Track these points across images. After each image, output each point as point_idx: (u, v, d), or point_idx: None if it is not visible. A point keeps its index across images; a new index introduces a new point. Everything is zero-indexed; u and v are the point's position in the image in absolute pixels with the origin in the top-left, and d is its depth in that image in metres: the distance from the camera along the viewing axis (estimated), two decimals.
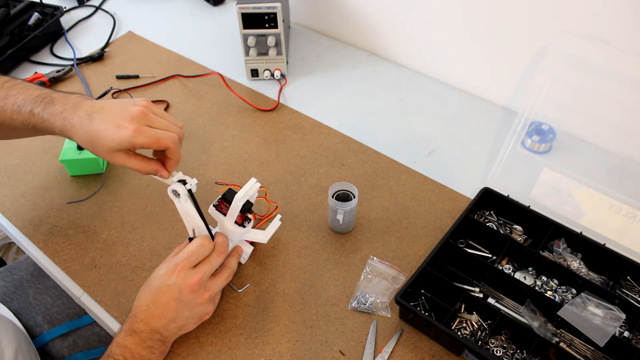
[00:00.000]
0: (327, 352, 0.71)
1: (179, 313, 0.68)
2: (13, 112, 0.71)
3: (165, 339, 0.68)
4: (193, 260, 0.69)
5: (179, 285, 0.68)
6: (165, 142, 0.66)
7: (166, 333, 0.68)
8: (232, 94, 1.08)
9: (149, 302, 0.67)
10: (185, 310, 0.68)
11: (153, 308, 0.67)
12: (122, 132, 0.64)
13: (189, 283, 0.68)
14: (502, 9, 0.97)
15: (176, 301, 0.67)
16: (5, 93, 0.73)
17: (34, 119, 0.70)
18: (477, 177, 0.93)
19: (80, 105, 0.68)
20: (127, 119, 0.65)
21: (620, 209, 0.79)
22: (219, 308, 0.76)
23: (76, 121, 0.67)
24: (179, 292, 0.67)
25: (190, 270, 0.69)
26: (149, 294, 0.68)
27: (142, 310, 0.67)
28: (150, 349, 0.67)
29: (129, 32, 1.30)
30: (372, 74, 1.16)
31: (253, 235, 0.78)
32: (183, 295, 0.68)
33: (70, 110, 0.68)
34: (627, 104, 0.81)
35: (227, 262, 0.75)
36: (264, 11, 1.02)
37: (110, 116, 0.66)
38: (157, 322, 0.67)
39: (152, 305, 0.67)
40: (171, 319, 0.68)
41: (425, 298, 0.76)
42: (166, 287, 0.67)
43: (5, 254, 1.66)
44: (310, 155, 0.98)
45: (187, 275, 0.68)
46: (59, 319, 0.94)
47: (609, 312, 0.70)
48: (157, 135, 0.66)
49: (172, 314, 0.67)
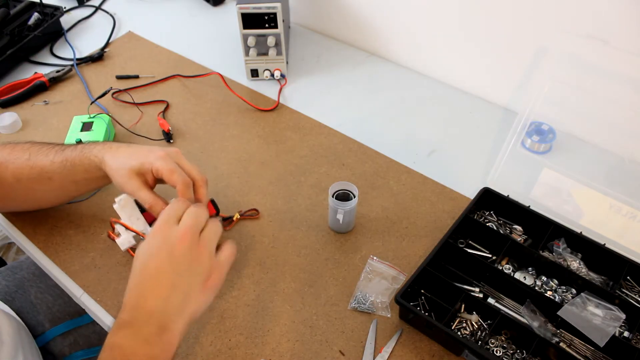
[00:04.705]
0: (327, 352, 0.71)
1: (176, 279, 0.56)
2: (55, 157, 0.76)
3: (166, 325, 0.55)
4: (173, 215, 0.60)
5: (166, 242, 0.57)
6: (177, 177, 0.68)
7: (167, 312, 0.55)
8: (232, 94, 1.08)
9: (138, 280, 0.57)
10: (184, 274, 0.57)
11: (142, 284, 0.56)
12: (150, 154, 0.70)
13: (176, 236, 0.58)
14: (502, 9, 0.97)
15: (169, 262, 0.56)
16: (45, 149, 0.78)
17: (72, 154, 0.75)
18: (477, 177, 0.93)
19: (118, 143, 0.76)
20: (161, 149, 0.71)
21: (620, 209, 0.79)
22: (218, 307, 0.76)
23: (115, 145, 0.74)
24: (169, 250, 0.57)
25: (174, 225, 0.59)
26: (135, 273, 0.57)
27: (132, 294, 0.56)
28: (148, 339, 0.54)
29: (129, 32, 1.30)
30: (372, 74, 1.16)
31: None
32: (174, 253, 0.57)
33: (109, 143, 0.75)
34: (627, 104, 0.81)
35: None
36: (264, 11, 1.02)
37: (148, 147, 0.73)
38: (153, 301, 0.55)
39: (141, 281, 0.56)
40: (169, 289, 0.56)
41: (425, 298, 0.76)
42: (152, 253, 0.57)
43: (5, 254, 1.66)
44: (310, 155, 0.98)
45: (172, 229, 0.58)
46: (60, 318, 0.94)
47: (609, 312, 0.70)
48: (175, 169, 0.69)
49: (168, 282, 0.56)
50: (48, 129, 1.04)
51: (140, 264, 0.58)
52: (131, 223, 0.72)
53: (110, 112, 1.06)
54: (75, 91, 1.13)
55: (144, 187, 0.70)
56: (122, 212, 0.73)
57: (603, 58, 0.84)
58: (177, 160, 0.71)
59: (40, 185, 0.78)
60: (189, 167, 0.71)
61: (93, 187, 0.82)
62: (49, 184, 0.77)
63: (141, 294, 0.56)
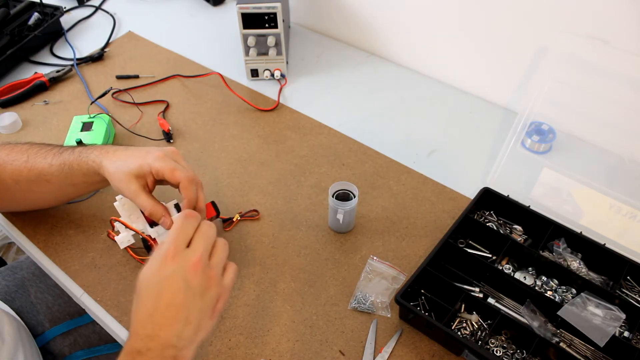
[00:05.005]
0: (327, 352, 0.71)
1: (190, 308, 0.55)
2: (53, 160, 0.76)
3: (179, 355, 0.55)
4: (184, 239, 0.58)
5: (181, 271, 0.55)
6: (179, 174, 0.69)
7: (181, 343, 0.54)
8: (232, 94, 1.08)
9: (151, 309, 0.54)
10: (197, 301, 0.56)
11: (158, 314, 0.54)
12: (148, 155, 0.70)
13: (190, 264, 0.56)
14: (502, 9, 0.97)
15: (184, 293, 0.55)
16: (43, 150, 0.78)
17: (70, 157, 0.75)
18: (477, 177, 0.93)
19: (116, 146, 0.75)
20: (158, 149, 0.71)
21: (620, 209, 0.79)
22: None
23: (112, 149, 0.73)
24: (183, 280, 0.55)
25: (186, 250, 0.57)
26: (147, 300, 0.55)
27: (145, 323, 0.54)
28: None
29: (128, 32, 1.30)
30: (372, 74, 1.16)
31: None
32: (189, 282, 0.55)
33: (106, 147, 0.75)
34: (627, 104, 0.81)
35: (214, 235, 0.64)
36: (264, 11, 1.02)
37: (145, 148, 0.73)
38: (169, 331, 0.54)
39: (155, 311, 0.54)
40: (184, 320, 0.55)
41: (425, 298, 0.76)
42: (167, 281, 0.55)
43: (5, 254, 1.66)
44: (310, 155, 0.98)
45: (185, 257, 0.56)
46: (60, 318, 0.94)
47: (609, 312, 0.70)
48: (175, 166, 0.69)
49: (183, 313, 0.55)
50: (48, 129, 1.04)
51: (153, 290, 0.55)
52: (131, 222, 0.72)
53: (110, 112, 1.06)
54: (75, 91, 1.13)
55: (143, 191, 0.70)
56: (122, 210, 0.73)
57: (603, 58, 0.84)
58: (175, 160, 0.71)
59: (39, 187, 0.78)
60: (187, 167, 0.72)
61: (92, 189, 0.83)
62: (47, 186, 0.77)
63: (157, 325, 0.54)
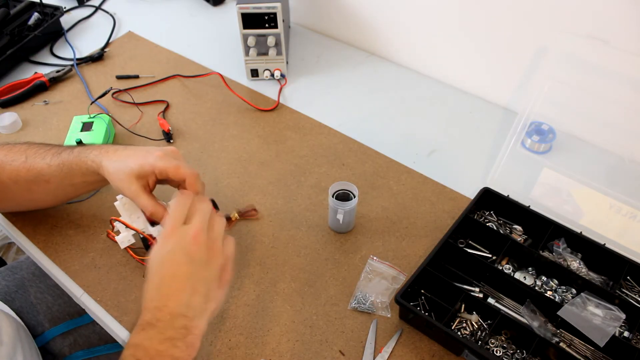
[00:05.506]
0: (327, 352, 0.71)
1: (195, 278, 0.57)
2: (52, 160, 0.76)
3: (190, 325, 0.56)
4: (181, 216, 0.61)
5: (181, 244, 0.58)
6: (184, 170, 0.69)
7: (191, 313, 0.56)
8: (232, 94, 1.08)
9: (157, 282, 0.57)
10: (201, 271, 0.58)
11: (164, 286, 0.56)
12: (149, 155, 0.69)
13: (190, 237, 0.58)
14: (502, 9, 0.97)
15: (187, 264, 0.57)
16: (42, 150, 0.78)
17: (69, 157, 0.75)
18: (477, 177, 0.93)
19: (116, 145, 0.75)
20: (157, 149, 0.71)
21: (620, 209, 0.79)
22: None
23: (112, 149, 0.73)
24: (185, 253, 0.58)
25: (184, 226, 0.60)
26: (154, 276, 0.58)
27: (153, 296, 0.56)
28: (172, 340, 0.54)
29: (128, 32, 1.30)
30: (372, 74, 1.16)
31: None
32: (190, 253, 0.58)
33: (105, 146, 0.74)
34: (627, 104, 0.81)
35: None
36: (264, 11, 1.02)
37: (144, 148, 0.72)
38: (176, 300, 0.56)
39: (161, 284, 0.57)
40: (191, 289, 0.56)
41: (425, 298, 0.76)
42: (169, 255, 0.58)
43: (5, 254, 1.66)
44: (310, 155, 0.98)
45: (184, 231, 0.59)
46: (60, 318, 0.94)
47: (609, 312, 0.70)
48: (179, 164, 0.69)
49: (189, 282, 0.57)
50: (48, 129, 1.04)
51: (156, 268, 0.58)
52: (131, 221, 0.72)
53: (110, 112, 1.06)
54: (75, 91, 1.13)
55: (144, 192, 0.69)
56: (123, 210, 0.73)
57: (603, 58, 0.84)
58: (175, 159, 0.71)
59: (38, 187, 0.77)
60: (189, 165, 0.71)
61: (91, 189, 0.82)
62: (47, 186, 0.77)
63: (164, 297, 0.56)
